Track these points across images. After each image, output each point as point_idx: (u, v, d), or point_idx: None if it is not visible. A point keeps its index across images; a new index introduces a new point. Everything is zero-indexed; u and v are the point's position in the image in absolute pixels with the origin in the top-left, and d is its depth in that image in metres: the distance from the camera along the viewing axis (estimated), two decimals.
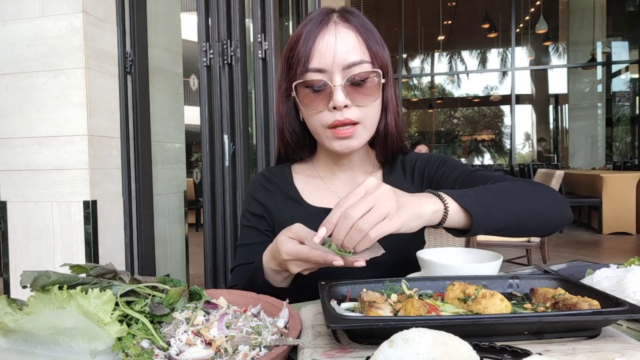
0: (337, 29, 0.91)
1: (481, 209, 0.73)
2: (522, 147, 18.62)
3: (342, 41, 0.89)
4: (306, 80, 0.91)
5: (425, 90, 19.75)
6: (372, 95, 0.91)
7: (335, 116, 0.90)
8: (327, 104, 0.90)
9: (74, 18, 2.15)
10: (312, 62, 0.90)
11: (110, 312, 0.54)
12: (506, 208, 0.77)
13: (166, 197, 2.85)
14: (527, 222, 0.80)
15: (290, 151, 1.07)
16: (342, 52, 0.89)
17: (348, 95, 0.89)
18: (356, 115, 0.90)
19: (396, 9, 11.56)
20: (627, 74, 11.76)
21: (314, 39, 0.90)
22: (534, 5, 11.50)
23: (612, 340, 0.54)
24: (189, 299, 0.66)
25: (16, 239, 2.27)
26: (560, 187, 3.86)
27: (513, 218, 0.78)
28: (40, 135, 2.20)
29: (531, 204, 0.81)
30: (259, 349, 0.53)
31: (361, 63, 0.90)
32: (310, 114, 0.94)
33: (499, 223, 0.76)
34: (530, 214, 0.80)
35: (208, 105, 2.33)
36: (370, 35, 0.93)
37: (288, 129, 1.02)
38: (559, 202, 0.85)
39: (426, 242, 1.12)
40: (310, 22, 0.92)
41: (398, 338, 0.42)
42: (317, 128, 0.94)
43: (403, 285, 0.68)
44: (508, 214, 0.77)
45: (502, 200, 0.78)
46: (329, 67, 0.89)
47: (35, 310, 0.54)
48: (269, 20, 2.25)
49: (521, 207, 0.79)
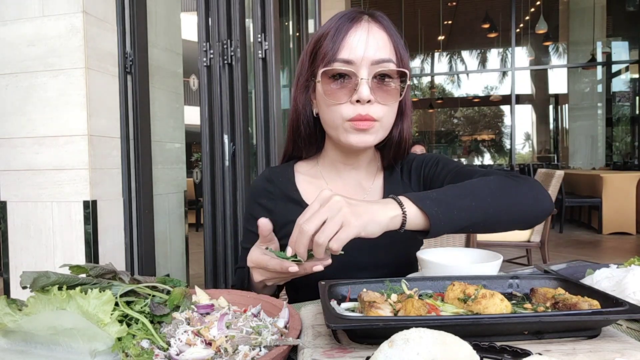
0: (370, 26, 0.92)
1: (441, 209, 0.73)
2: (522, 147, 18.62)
3: (374, 37, 0.91)
4: (333, 68, 0.91)
5: (425, 90, 19.75)
6: (394, 96, 0.92)
7: (357, 110, 0.90)
8: (350, 96, 0.90)
9: (74, 18, 2.15)
10: (342, 53, 0.90)
11: (109, 313, 0.54)
12: (470, 206, 0.76)
13: (166, 197, 2.85)
14: (497, 217, 0.78)
15: (301, 145, 1.06)
16: (373, 48, 0.90)
17: (372, 92, 0.89)
18: (377, 112, 0.91)
19: (396, 9, 11.56)
20: (627, 74, 11.76)
21: (345, 32, 0.91)
22: (534, 5, 11.50)
23: (612, 340, 0.54)
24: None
25: (16, 239, 2.27)
26: (560, 187, 3.86)
27: (479, 215, 0.76)
28: (40, 135, 2.20)
29: (500, 199, 0.79)
30: (259, 349, 0.53)
31: (389, 62, 0.91)
32: (330, 104, 0.93)
33: (462, 222, 0.75)
34: (499, 209, 0.78)
35: (208, 105, 2.33)
36: (398, 39, 0.95)
37: (303, 121, 1.01)
38: (533, 194, 0.83)
39: (426, 242, 1.12)
40: (341, 19, 0.93)
41: (398, 338, 0.42)
42: (334, 120, 0.93)
43: (403, 285, 0.68)
44: (472, 212, 0.76)
45: (466, 198, 0.76)
46: (358, 60, 0.89)
47: (35, 311, 0.54)
48: (269, 20, 2.25)
49: (488, 204, 0.77)
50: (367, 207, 0.69)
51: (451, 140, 20.53)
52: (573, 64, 10.60)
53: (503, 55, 16.66)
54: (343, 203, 0.67)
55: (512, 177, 0.85)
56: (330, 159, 1.05)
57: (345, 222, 0.65)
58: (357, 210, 0.67)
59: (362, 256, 0.97)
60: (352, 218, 0.66)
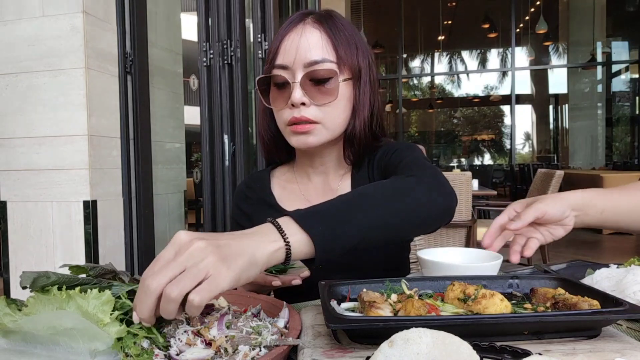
0: (304, 28, 0.92)
1: (327, 228, 0.61)
2: (522, 147, 18.63)
3: (306, 39, 0.90)
4: (270, 75, 0.93)
5: (425, 90, 19.77)
6: (332, 95, 0.90)
7: (292, 113, 0.91)
8: (288, 101, 0.91)
9: (74, 18, 2.15)
10: (278, 58, 0.92)
11: (109, 312, 0.54)
12: (360, 219, 0.65)
13: (166, 197, 2.85)
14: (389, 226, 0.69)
15: (267, 151, 1.08)
16: (304, 50, 0.90)
17: (307, 94, 0.89)
18: (315, 114, 0.90)
19: (396, 9, 11.57)
20: (627, 74, 11.77)
21: (281, 37, 0.93)
22: (534, 5, 11.50)
23: (612, 340, 0.54)
24: None
25: (16, 239, 2.27)
26: (560, 187, 3.86)
27: (368, 229, 0.66)
28: (40, 135, 2.20)
29: (392, 206, 0.69)
30: (259, 349, 0.53)
31: (322, 62, 0.89)
32: (274, 110, 0.96)
33: (351, 239, 0.64)
34: (390, 217, 0.68)
35: (208, 105, 2.33)
36: (340, 37, 0.92)
37: (263, 126, 1.04)
38: (431, 194, 0.74)
39: (426, 241, 1.12)
40: (285, 23, 0.95)
41: (398, 338, 0.42)
42: (280, 124, 0.96)
43: (403, 285, 0.68)
44: (361, 226, 0.65)
45: (355, 210, 0.66)
46: (291, 64, 0.90)
47: (35, 311, 0.54)
48: (269, 20, 2.25)
49: (378, 213, 0.67)
50: (241, 246, 0.55)
51: (451, 140, 20.53)
52: (573, 64, 10.61)
53: (503, 55, 16.66)
54: (208, 250, 0.51)
55: (413, 178, 0.76)
56: (301, 163, 1.07)
57: (212, 274, 0.50)
58: (228, 255, 0.52)
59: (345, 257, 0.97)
60: (222, 267, 0.51)
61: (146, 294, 0.49)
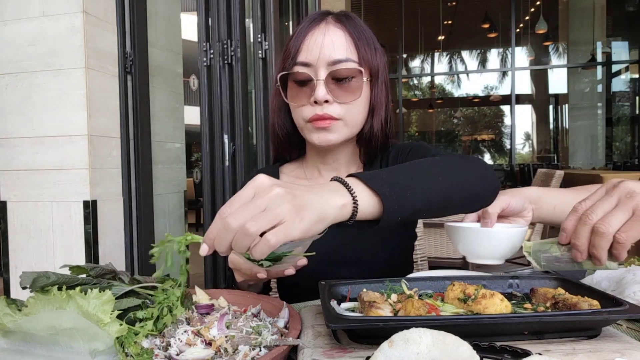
0: (327, 27, 0.94)
1: (394, 191, 0.61)
2: (522, 147, 18.63)
3: (330, 38, 0.92)
4: (293, 72, 0.93)
5: (425, 90, 19.75)
6: (355, 94, 0.93)
7: (315, 110, 0.92)
8: (310, 98, 0.92)
9: (74, 18, 2.15)
10: (300, 56, 0.93)
11: (109, 312, 0.54)
12: (423, 185, 0.66)
13: (166, 197, 2.85)
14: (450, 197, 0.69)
15: (280, 148, 1.08)
16: (328, 49, 0.91)
17: (330, 92, 0.91)
18: (337, 111, 0.92)
19: (396, 9, 11.56)
20: (627, 74, 11.76)
21: (304, 35, 0.94)
22: (534, 5, 11.50)
23: (612, 340, 0.54)
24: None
25: (16, 239, 2.27)
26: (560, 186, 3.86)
27: (432, 195, 0.66)
28: (40, 135, 2.20)
29: (452, 178, 0.71)
30: (259, 349, 0.53)
31: (346, 61, 0.92)
32: (293, 107, 0.96)
33: (416, 203, 0.64)
34: (451, 188, 0.69)
35: (208, 105, 2.33)
36: (361, 37, 0.95)
37: (278, 123, 1.04)
38: (482, 171, 0.76)
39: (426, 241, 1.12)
40: (305, 21, 0.96)
41: (398, 338, 0.42)
42: (299, 121, 0.97)
43: (403, 285, 0.68)
44: (426, 192, 0.66)
45: (418, 177, 0.67)
46: (315, 62, 0.91)
47: (35, 311, 0.54)
48: (269, 20, 2.25)
49: (440, 183, 0.68)
50: (313, 200, 0.55)
51: (451, 140, 20.52)
52: (573, 64, 10.60)
53: (503, 55, 16.64)
54: (286, 198, 0.52)
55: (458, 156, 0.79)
56: (312, 159, 1.07)
57: (287, 221, 0.51)
58: (302, 206, 0.53)
59: (346, 251, 0.97)
60: (296, 217, 0.52)
61: (227, 231, 0.51)
